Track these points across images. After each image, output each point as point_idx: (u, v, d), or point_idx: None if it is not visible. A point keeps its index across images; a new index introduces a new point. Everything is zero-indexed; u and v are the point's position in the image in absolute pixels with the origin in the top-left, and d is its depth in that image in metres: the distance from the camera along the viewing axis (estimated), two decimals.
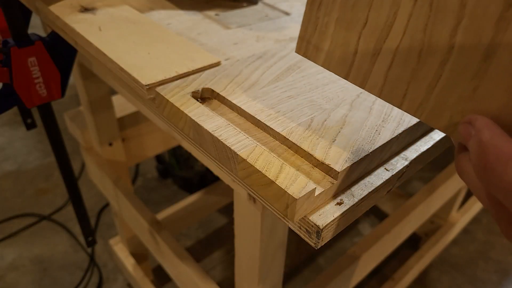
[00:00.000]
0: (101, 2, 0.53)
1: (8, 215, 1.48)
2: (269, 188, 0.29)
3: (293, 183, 0.28)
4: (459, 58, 0.21)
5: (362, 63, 0.25)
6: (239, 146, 0.31)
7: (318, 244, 0.29)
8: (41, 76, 0.61)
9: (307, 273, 1.35)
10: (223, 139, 0.31)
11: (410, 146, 0.36)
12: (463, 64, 0.21)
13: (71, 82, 0.71)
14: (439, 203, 1.08)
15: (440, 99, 0.22)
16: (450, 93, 0.22)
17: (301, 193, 0.27)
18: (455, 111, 0.22)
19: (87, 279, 1.29)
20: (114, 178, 0.89)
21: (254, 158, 0.30)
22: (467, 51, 0.21)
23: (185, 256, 0.76)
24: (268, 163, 0.30)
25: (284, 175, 0.29)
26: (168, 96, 0.36)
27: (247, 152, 0.30)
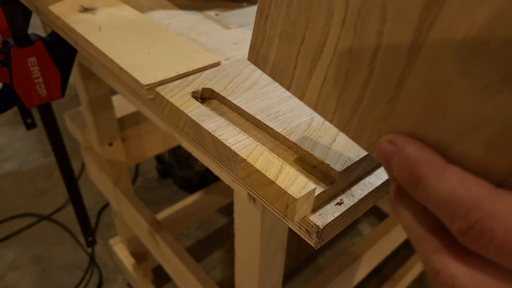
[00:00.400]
0: (101, 2, 0.53)
1: (8, 215, 1.48)
2: (269, 188, 0.29)
3: (293, 183, 0.28)
4: (378, 82, 0.23)
5: (301, 77, 0.27)
6: (239, 146, 0.31)
7: (318, 244, 0.29)
8: (41, 76, 0.61)
9: (307, 273, 1.35)
10: (223, 139, 0.31)
11: None
12: (380, 88, 0.23)
13: (71, 82, 0.71)
14: None
15: (363, 118, 0.24)
16: (371, 113, 0.23)
17: (301, 193, 0.27)
18: (374, 131, 0.24)
19: (87, 279, 1.29)
20: (114, 178, 0.89)
21: (254, 158, 0.30)
22: (383, 76, 0.22)
23: (185, 256, 0.76)
24: (268, 163, 0.30)
25: (284, 175, 0.29)
26: (168, 96, 0.36)
27: (247, 152, 0.30)
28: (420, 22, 0.20)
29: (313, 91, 0.26)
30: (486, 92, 0.18)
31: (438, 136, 0.21)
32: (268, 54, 0.28)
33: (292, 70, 0.27)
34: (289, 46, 0.27)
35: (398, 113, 0.22)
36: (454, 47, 0.19)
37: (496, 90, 0.18)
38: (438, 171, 0.19)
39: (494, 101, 0.18)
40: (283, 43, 0.27)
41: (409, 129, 0.22)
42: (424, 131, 0.21)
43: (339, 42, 0.24)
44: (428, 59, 0.20)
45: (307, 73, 0.26)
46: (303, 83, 0.27)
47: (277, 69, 0.28)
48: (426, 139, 0.21)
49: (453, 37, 0.19)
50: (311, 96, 0.27)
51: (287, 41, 0.27)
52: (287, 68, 0.27)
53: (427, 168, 0.20)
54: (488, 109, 0.19)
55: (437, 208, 0.19)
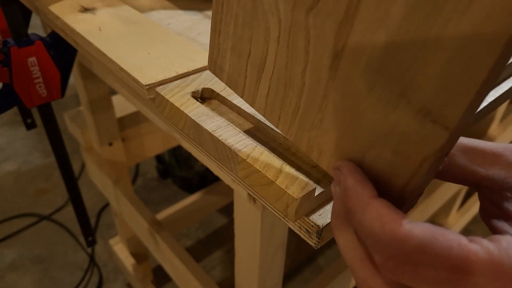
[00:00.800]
0: (101, 2, 0.53)
1: (8, 215, 1.48)
2: (269, 188, 0.29)
3: (293, 183, 0.28)
4: (309, 93, 0.25)
5: (250, 87, 0.30)
6: (239, 146, 0.31)
7: (318, 244, 0.29)
8: (41, 76, 0.61)
9: (307, 273, 1.35)
10: (223, 139, 0.31)
11: None
12: (312, 99, 0.25)
13: (71, 82, 0.71)
14: (439, 203, 1.08)
15: (300, 125, 0.27)
16: (306, 121, 0.26)
17: (301, 193, 0.27)
18: (310, 136, 0.27)
19: (87, 279, 1.29)
20: (114, 178, 0.89)
21: (254, 158, 0.30)
22: (313, 89, 0.25)
23: (185, 256, 0.76)
24: (268, 163, 0.30)
25: (284, 175, 0.29)
26: (168, 96, 0.36)
27: (247, 152, 0.30)
28: (336, 42, 0.23)
29: (261, 100, 0.29)
30: (387, 107, 0.21)
31: (357, 143, 0.24)
32: (223, 65, 0.31)
33: (243, 80, 0.30)
34: (239, 58, 0.30)
35: (327, 122, 0.25)
36: (362, 66, 0.22)
37: (394, 106, 0.21)
38: (362, 206, 0.21)
39: (394, 115, 0.21)
40: (234, 56, 0.30)
41: (336, 136, 0.25)
42: (347, 139, 0.24)
43: (277, 57, 0.27)
44: (344, 76, 0.23)
45: (255, 84, 0.29)
46: (252, 92, 0.30)
47: (232, 79, 0.31)
48: (348, 146, 0.24)
49: (361, 57, 0.22)
50: (260, 104, 0.30)
51: (237, 54, 0.30)
52: (239, 78, 0.30)
53: (355, 202, 0.22)
54: (390, 122, 0.21)
55: (363, 238, 0.22)
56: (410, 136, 0.21)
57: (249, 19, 0.27)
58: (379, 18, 0.20)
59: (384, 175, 0.23)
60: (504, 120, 1.27)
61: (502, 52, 0.17)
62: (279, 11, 0.25)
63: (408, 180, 0.22)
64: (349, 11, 0.21)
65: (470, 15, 0.17)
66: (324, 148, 0.26)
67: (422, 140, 0.20)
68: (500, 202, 0.23)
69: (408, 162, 0.21)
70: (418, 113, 0.20)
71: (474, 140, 0.25)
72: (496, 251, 0.18)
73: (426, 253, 0.19)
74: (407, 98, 0.20)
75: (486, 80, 0.17)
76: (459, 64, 0.18)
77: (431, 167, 0.21)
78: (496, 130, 1.21)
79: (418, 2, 0.18)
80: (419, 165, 0.21)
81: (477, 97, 0.18)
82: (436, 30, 0.18)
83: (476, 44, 0.17)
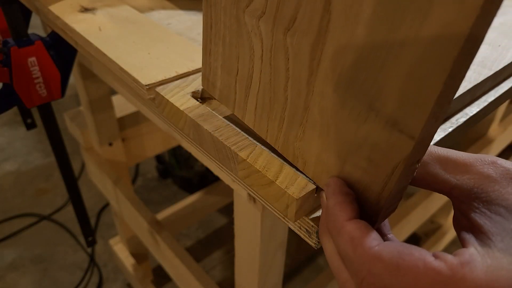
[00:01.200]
0: (101, 2, 0.53)
1: (8, 215, 1.48)
2: (269, 188, 0.29)
3: (293, 183, 0.28)
4: (291, 107, 0.27)
5: (240, 102, 0.32)
6: (239, 146, 0.31)
7: (318, 244, 0.29)
8: (41, 76, 0.61)
9: (307, 273, 1.35)
10: (223, 139, 0.31)
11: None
12: (294, 112, 0.27)
13: (71, 82, 0.71)
14: (439, 203, 1.08)
15: (286, 137, 0.29)
16: (290, 133, 0.28)
17: (301, 193, 0.27)
18: (295, 147, 0.28)
19: (87, 279, 1.29)
20: (114, 178, 0.89)
21: (254, 158, 0.30)
22: (295, 103, 0.27)
23: (185, 256, 0.76)
24: (268, 163, 0.30)
25: (284, 175, 0.29)
26: (168, 96, 0.36)
27: (247, 152, 0.30)
28: (311, 60, 0.24)
29: (250, 114, 0.31)
30: (358, 119, 0.23)
31: (336, 154, 0.25)
32: (215, 82, 0.33)
33: (234, 96, 0.32)
34: (228, 76, 0.31)
35: (308, 135, 0.27)
36: (335, 82, 0.23)
37: (365, 118, 0.23)
38: (337, 228, 0.23)
39: (365, 127, 0.23)
40: (224, 73, 0.32)
41: (317, 147, 0.26)
42: (326, 150, 0.26)
43: (261, 74, 0.28)
44: (320, 90, 0.25)
45: (244, 99, 0.31)
46: (242, 107, 0.32)
47: (223, 95, 0.33)
48: (328, 157, 0.26)
49: (333, 73, 0.23)
50: (249, 118, 0.31)
51: (226, 71, 0.31)
52: (230, 94, 0.32)
53: (332, 224, 0.24)
54: (362, 133, 0.23)
55: (341, 257, 0.24)
56: (381, 146, 0.22)
57: (235, 39, 0.29)
58: (346, 38, 0.22)
59: (362, 182, 0.25)
60: (504, 120, 1.27)
61: (452, 69, 0.18)
62: (260, 32, 0.27)
63: (383, 186, 0.23)
64: (320, 31, 0.23)
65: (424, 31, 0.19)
66: (308, 158, 0.28)
67: (391, 149, 0.22)
68: (468, 212, 0.24)
69: (381, 170, 0.23)
70: (386, 124, 0.22)
71: (449, 150, 0.26)
72: (459, 266, 0.19)
73: (394, 274, 0.20)
74: (375, 110, 0.22)
75: (443, 93, 0.19)
76: (417, 78, 0.19)
77: (403, 174, 0.22)
78: (496, 130, 1.21)
79: (378, 23, 0.20)
80: (391, 172, 0.23)
81: (438, 108, 0.20)
82: (396, 48, 0.20)
83: (430, 61, 0.19)
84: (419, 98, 0.20)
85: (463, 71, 0.19)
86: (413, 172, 0.24)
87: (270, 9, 0.26)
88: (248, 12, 0.27)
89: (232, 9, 0.28)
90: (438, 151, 0.25)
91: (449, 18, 0.17)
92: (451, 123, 0.37)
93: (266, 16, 0.26)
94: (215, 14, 0.30)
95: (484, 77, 0.39)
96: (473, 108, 0.39)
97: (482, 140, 1.17)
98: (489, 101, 0.40)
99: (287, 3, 0.24)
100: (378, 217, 0.25)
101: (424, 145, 0.22)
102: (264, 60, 0.28)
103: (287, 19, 0.25)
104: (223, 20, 0.30)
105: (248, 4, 0.27)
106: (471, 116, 0.38)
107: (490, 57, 0.42)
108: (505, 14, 0.53)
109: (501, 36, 0.47)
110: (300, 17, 0.24)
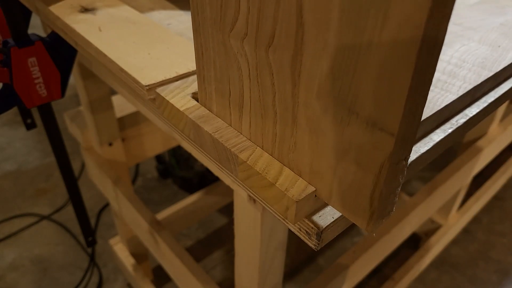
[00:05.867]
0: (101, 2, 0.53)
1: (8, 215, 1.48)
2: (269, 190, 0.29)
3: (293, 186, 0.28)
4: (281, 121, 0.28)
5: (235, 122, 0.33)
6: (239, 148, 0.31)
7: (318, 245, 0.29)
8: (41, 76, 0.61)
9: (307, 273, 1.35)
10: (223, 141, 0.31)
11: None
12: (284, 125, 0.28)
13: (71, 82, 0.71)
14: (439, 203, 1.08)
15: (280, 150, 0.30)
16: (283, 146, 0.29)
17: (301, 195, 0.27)
18: (289, 159, 0.29)
19: (87, 279, 1.29)
20: (114, 178, 0.89)
21: (254, 160, 0.30)
22: (283, 116, 0.28)
23: (185, 256, 0.76)
24: (268, 165, 0.30)
25: (284, 178, 0.29)
26: (168, 97, 0.36)
27: (247, 154, 0.30)
28: (292, 73, 0.26)
29: (246, 133, 0.33)
30: (342, 124, 0.24)
31: (326, 161, 0.26)
32: (211, 106, 0.35)
33: (229, 117, 0.33)
34: (222, 99, 0.33)
35: (300, 146, 0.28)
36: (316, 91, 0.25)
37: (347, 122, 0.24)
38: None
39: (348, 130, 0.24)
40: (218, 97, 0.33)
41: (308, 157, 0.27)
42: (317, 159, 0.27)
43: (251, 92, 0.30)
44: (304, 101, 0.26)
45: (238, 119, 0.33)
46: (238, 127, 0.33)
47: (220, 116, 0.35)
48: (320, 166, 0.27)
49: (313, 83, 0.25)
50: (245, 134, 0.33)
51: (220, 94, 0.33)
52: (225, 116, 0.34)
53: None
54: (347, 137, 0.24)
55: None
56: (366, 147, 0.23)
57: (225, 63, 0.31)
58: (320, 47, 0.23)
59: (355, 186, 0.25)
60: (504, 120, 1.27)
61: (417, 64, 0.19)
62: (245, 52, 0.29)
63: (373, 188, 0.24)
64: (297, 44, 0.24)
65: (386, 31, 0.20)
66: (302, 169, 0.29)
67: (375, 148, 0.23)
68: None
69: (369, 171, 0.24)
70: (367, 125, 0.23)
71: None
72: None
73: None
74: (355, 113, 0.23)
75: (413, 88, 0.20)
76: (387, 78, 0.21)
77: (390, 173, 0.23)
78: (496, 130, 1.21)
79: (345, 28, 0.21)
80: (378, 171, 0.23)
81: (412, 103, 0.21)
82: (364, 51, 0.21)
83: (395, 59, 0.20)
84: (392, 96, 0.21)
85: (431, 65, 0.20)
86: (402, 170, 0.24)
87: (251, 29, 0.27)
88: (232, 36, 0.29)
89: (218, 35, 0.30)
90: None
91: (406, 15, 0.18)
92: (451, 124, 0.37)
93: (249, 37, 0.28)
94: (204, 42, 0.32)
95: (484, 79, 0.39)
96: (473, 109, 0.39)
97: (482, 140, 1.17)
98: (489, 102, 0.40)
99: (265, 22, 0.26)
100: (373, 217, 0.25)
101: (406, 141, 0.23)
102: (251, 79, 0.29)
103: (267, 36, 0.26)
104: (212, 46, 0.31)
105: (232, 28, 0.29)
106: (471, 117, 0.38)
107: (490, 58, 0.42)
108: (505, 14, 0.53)
109: (501, 37, 0.47)
110: (277, 33, 0.25)
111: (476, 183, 1.46)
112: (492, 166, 1.55)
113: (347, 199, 0.27)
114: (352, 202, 0.26)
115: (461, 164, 1.08)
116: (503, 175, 1.50)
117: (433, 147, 0.36)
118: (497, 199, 1.62)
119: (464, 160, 1.09)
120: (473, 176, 1.22)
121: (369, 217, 0.26)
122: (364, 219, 0.26)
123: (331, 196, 0.28)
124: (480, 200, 1.42)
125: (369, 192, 0.25)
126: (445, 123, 0.37)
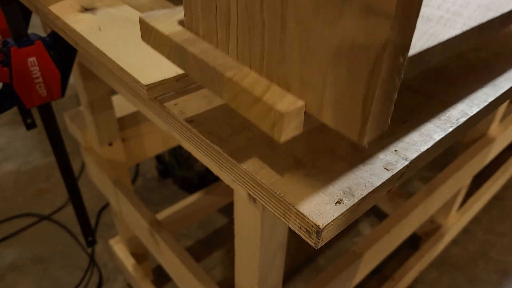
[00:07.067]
0: (101, 2, 0.53)
1: (8, 215, 1.48)
2: (256, 107, 0.27)
3: (281, 100, 0.27)
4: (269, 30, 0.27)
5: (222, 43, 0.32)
6: (226, 67, 0.30)
7: (318, 244, 0.29)
8: (41, 76, 0.61)
9: (307, 273, 1.35)
10: (209, 61, 0.30)
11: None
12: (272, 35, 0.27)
13: (71, 82, 0.71)
14: (439, 203, 1.08)
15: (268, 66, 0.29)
16: (272, 60, 0.28)
17: (288, 108, 0.26)
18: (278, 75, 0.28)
19: (87, 279, 1.29)
20: (114, 178, 0.89)
21: (241, 78, 0.29)
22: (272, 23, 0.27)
23: (185, 256, 0.76)
24: (255, 82, 0.28)
25: (271, 92, 0.27)
26: (154, 24, 0.34)
27: (233, 72, 0.29)
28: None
29: (233, 53, 0.31)
30: (334, 15, 0.23)
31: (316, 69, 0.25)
32: (198, 30, 0.34)
33: (216, 38, 0.32)
34: (209, 17, 0.32)
35: (288, 56, 0.27)
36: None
37: (340, 12, 0.22)
38: None
39: (341, 23, 0.23)
40: (204, 17, 0.32)
41: (298, 67, 0.26)
42: (307, 67, 0.26)
43: (238, 3, 0.29)
44: (294, 4, 0.25)
45: (225, 39, 0.31)
46: (225, 48, 0.32)
47: (206, 39, 0.34)
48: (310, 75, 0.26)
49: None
50: (233, 55, 0.31)
51: (206, 14, 0.32)
52: (212, 38, 0.32)
53: None
54: (339, 33, 0.23)
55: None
56: (359, 40, 0.22)
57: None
58: None
59: (346, 93, 0.24)
60: (504, 120, 1.27)
61: None
62: None
63: (367, 86, 0.23)
64: None
65: None
66: (291, 83, 0.27)
67: (370, 38, 0.22)
68: None
69: (363, 69, 0.22)
70: (361, 11, 0.22)
71: None
72: None
73: None
74: (348, 0, 0.22)
75: None
76: None
77: (385, 70, 0.22)
78: (496, 130, 1.21)
79: None
80: (372, 68, 0.22)
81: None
82: None
83: None
84: None
85: None
86: (398, 70, 0.23)
87: None
88: None
89: None
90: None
91: None
92: (451, 123, 0.37)
93: None
94: None
95: (489, 18, 0.36)
96: (473, 108, 0.39)
97: (482, 140, 1.17)
98: (489, 101, 0.40)
99: None
100: (366, 125, 0.24)
101: (403, 28, 0.22)
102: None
103: None
104: None
105: None
106: (471, 116, 0.38)
107: (496, 1, 0.39)
108: None
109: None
110: None
111: (476, 183, 1.46)
112: (492, 166, 1.55)
113: (338, 109, 0.25)
114: (344, 111, 0.24)
115: (461, 164, 1.08)
116: (503, 175, 1.50)
117: (433, 146, 0.36)
118: (497, 199, 1.62)
119: (464, 160, 1.09)
120: (473, 176, 1.22)
121: (361, 125, 0.24)
122: (356, 128, 0.24)
123: (322, 109, 0.26)
124: (480, 200, 1.42)
125: (361, 95, 0.23)
126: (445, 122, 0.37)
